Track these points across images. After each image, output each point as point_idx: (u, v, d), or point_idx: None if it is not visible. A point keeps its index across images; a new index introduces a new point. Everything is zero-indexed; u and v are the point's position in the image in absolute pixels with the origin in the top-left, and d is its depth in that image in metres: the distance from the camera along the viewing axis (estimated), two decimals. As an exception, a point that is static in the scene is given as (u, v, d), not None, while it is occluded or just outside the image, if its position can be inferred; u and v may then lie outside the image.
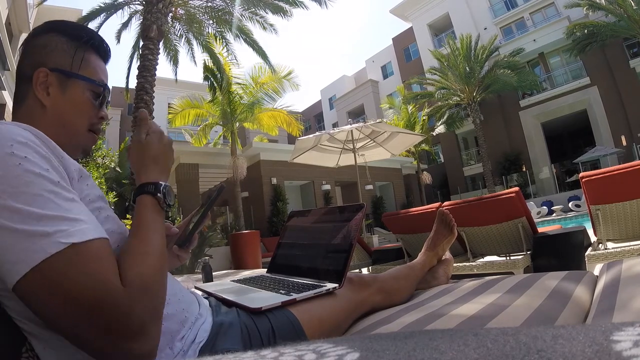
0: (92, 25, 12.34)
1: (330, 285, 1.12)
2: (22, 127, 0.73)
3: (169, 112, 17.17)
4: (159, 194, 0.86)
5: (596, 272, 1.38)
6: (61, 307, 0.62)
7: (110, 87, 1.00)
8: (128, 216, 9.13)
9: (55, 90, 0.89)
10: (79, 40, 0.93)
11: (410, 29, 33.10)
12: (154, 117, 9.98)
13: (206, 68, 14.13)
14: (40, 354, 0.73)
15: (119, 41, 14.00)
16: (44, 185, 0.67)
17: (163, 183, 0.88)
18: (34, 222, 0.63)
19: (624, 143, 20.60)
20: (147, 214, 0.83)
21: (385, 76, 36.88)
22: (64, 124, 0.91)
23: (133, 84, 10.67)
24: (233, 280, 1.43)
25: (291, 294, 1.07)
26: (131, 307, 0.65)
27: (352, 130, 8.08)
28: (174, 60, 14.63)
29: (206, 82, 14.56)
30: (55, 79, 0.88)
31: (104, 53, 0.99)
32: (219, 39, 13.47)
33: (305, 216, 1.60)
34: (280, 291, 1.12)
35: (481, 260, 3.90)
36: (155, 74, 10.24)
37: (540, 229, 3.99)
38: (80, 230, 0.66)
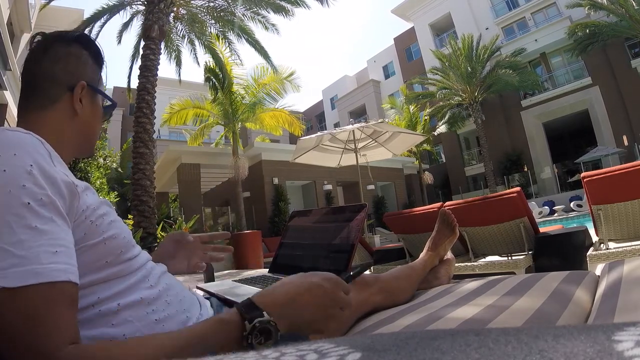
0: (95, 26, 12.38)
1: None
2: (26, 137, 0.73)
3: (168, 112, 17.17)
4: (249, 318, 0.69)
5: (598, 272, 1.38)
6: None
7: (112, 88, 1.07)
8: (130, 216, 9.15)
9: (87, 102, 0.98)
10: (100, 61, 1.05)
11: (412, 29, 33.09)
12: (155, 117, 9.99)
13: (208, 69, 14.15)
14: None
15: (120, 41, 14.01)
16: (17, 210, 0.62)
17: (273, 328, 0.69)
18: (12, 241, 0.59)
19: (626, 143, 20.56)
20: (204, 326, 0.71)
21: (386, 76, 36.88)
22: (88, 131, 1.01)
23: (134, 84, 10.70)
24: (235, 280, 1.43)
25: None
26: None
27: (353, 130, 8.07)
28: (177, 61, 14.64)
29: (206, 83, 14.58)
30: (87, 92, 0.97)
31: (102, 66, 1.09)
32: (222, 39, 13.49)
33: (307, 216, 1.60)
34: None
35: (483, 260, 3.90)
36: (156, 74, 10.25)
37: (542, 229, 3.98)
38: (20, 272, 0.58)
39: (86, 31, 12.42)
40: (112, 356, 0.61)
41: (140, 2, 11.95)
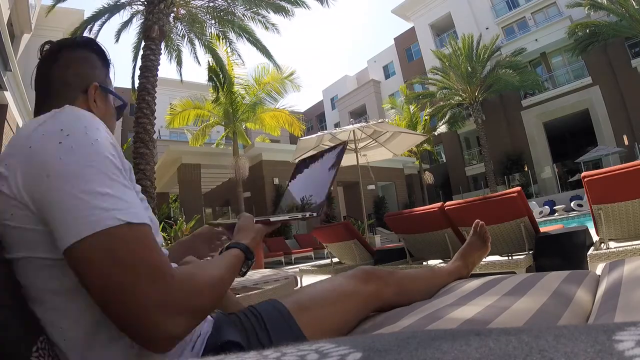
0: (95, 25, 12.39)
1: (307, 213, 1.17)
2: (95, 116, 0.86)
3: (170, 113, 17.17)
4: (249, 256, 1.01)
5: (598, 271, 1.38)
6: (113, 276, 0.68)
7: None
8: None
9: (101, 102, 1.04)
10: (107, 62, 1.12)
11: (412, 29, 33.08)
12: (155, 117, 10.00)
13: (210, 68, 14.17)
14: (60, 335, 0.77)
15: (117, 40, 14.01)
16: (110, 168, 0.75)
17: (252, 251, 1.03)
18: (98, 196, 0.70)
19: (626, 142, 20.55)
20: (231, 258, 0.95)
21: (387, 76, 36.87)
22: None
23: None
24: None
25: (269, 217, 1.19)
26: (174, 294, 0.71)
27: (354, 130, 8.07)
28: (178, 61, 14.66)
29: (209, 83, 14.58)
30: (100, 93, 1.04)
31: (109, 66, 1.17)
32: (222, 39, 13.49)
33: (305, 162, 1.61)
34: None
35: (483, 260, 3.90)
36: (157, 74, 10.26)
37: (543, 229, 3.98)
38: (135, 213, 0.73)
39: (86, 30, 12.47)
40: (197, 267, 0.85)
41: (140, 3, 11.95)
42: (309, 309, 1.08)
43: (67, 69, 1.00)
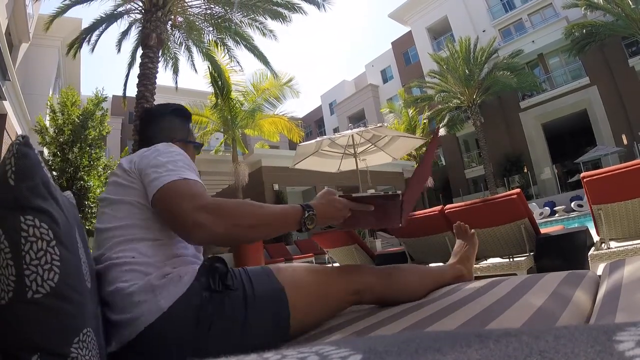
0: (93, 35, 12.43)
1: (390, 191, 1.32)
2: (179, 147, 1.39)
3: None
4: (308, 214, 1.21)
5: (599, 272, 1.38)
6: (173, 198, 1.11)
7: (111, 96, 1.26)
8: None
9: (181, 147, 1.50)
10: (188, 119, 1.72)
11: (409, 32, 33.17)
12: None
13: (211, 74, 14.19)
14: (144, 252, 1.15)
15: (119, 50, 14.07)
16: (180, 159, 1.24)
17: (315, 217, 1.22)
18: (173, 169, 1.18)
19: (625, 142, 20.56)
20: (287, 210, 1.21)
21: (385, 80, 36.92)
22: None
23: (130, 91, 10.69)
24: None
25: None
26: (204, 202, 1.10)
27: (353, 135, 8.09)
28: (175, 68, 14.68)
29: (209, 89, 14.59)
30: (180, 143, 1.54)
31: (190, 119, 1.75)
32: (220, 46, 13.52)
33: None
34: None
35: (484, 262, 3.90)
36: (155, 82, 10.26)
37: (543, 230, 3.98)
38: (192, 177, 1.18)
39: (84, 42, 12.51)
40: (236, 201, 1.17)
41: (138, 11, 11.98)
42: (286, 270, 1.26)
43: (159, 130, 1.57)
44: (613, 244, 3.18)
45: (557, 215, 16.27)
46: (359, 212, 1.31)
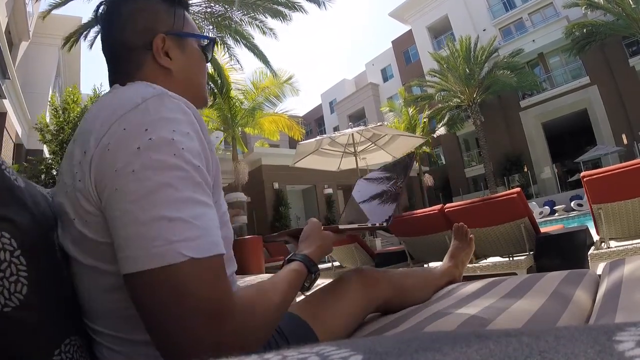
0: (91, 31, 12.40)
1: (377, 222, 1.20)
2: (182, 101, 0.74)
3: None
4: (311, 269, 0.95)
5: (599, 271, 1.38)
6: (171, 311, 0.62)
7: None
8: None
9: (176, 53, 0.90)
10: (180, 3, 0.94)
11: (410, 31, 33.16)
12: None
13: (208, 74, 14.16)
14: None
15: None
16: (188, 174, 0.67)
17: (318, 274, 0.99)
18: (164, 223, 0.62)
19: (625, 141, 20.57)
20: (291, 274, 0.88)
21: (385, 79, 36.91)
22: (192, 82, 0.95)
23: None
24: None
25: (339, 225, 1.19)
26: (228, 336, 0.65)
27: (353, 134, 8.09)
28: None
29: (209, 87, 14.57)
30: (172, 42, 0.90)
31: (186, 5, 0.98)
32: (220, 45, 13.49)
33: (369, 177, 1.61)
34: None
35: (484, 261, 3.90)
36: (155, 81, 10.25)
37: (543, 229, 3.99)
38: (203, 244, 0.64)
39: (82, 37, 12.47)
40: (259, 295, 0.75)
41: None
42: (318, 316, 1.04)
43: (124, 30, 0.87)
44: (613, 243, 3.18)
45: (557, 214, 16.28)
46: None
